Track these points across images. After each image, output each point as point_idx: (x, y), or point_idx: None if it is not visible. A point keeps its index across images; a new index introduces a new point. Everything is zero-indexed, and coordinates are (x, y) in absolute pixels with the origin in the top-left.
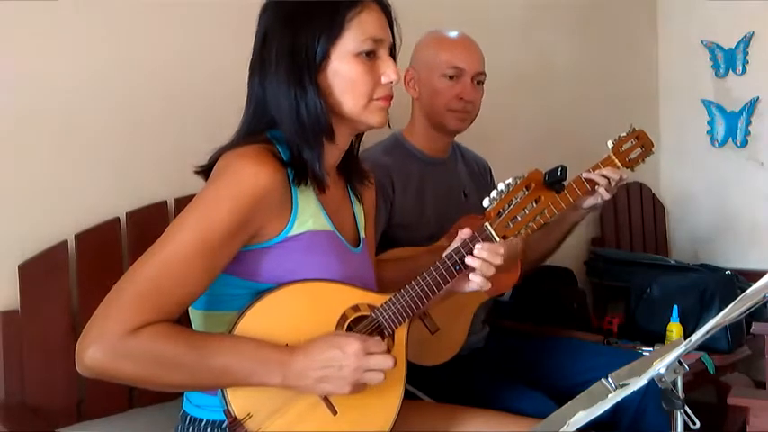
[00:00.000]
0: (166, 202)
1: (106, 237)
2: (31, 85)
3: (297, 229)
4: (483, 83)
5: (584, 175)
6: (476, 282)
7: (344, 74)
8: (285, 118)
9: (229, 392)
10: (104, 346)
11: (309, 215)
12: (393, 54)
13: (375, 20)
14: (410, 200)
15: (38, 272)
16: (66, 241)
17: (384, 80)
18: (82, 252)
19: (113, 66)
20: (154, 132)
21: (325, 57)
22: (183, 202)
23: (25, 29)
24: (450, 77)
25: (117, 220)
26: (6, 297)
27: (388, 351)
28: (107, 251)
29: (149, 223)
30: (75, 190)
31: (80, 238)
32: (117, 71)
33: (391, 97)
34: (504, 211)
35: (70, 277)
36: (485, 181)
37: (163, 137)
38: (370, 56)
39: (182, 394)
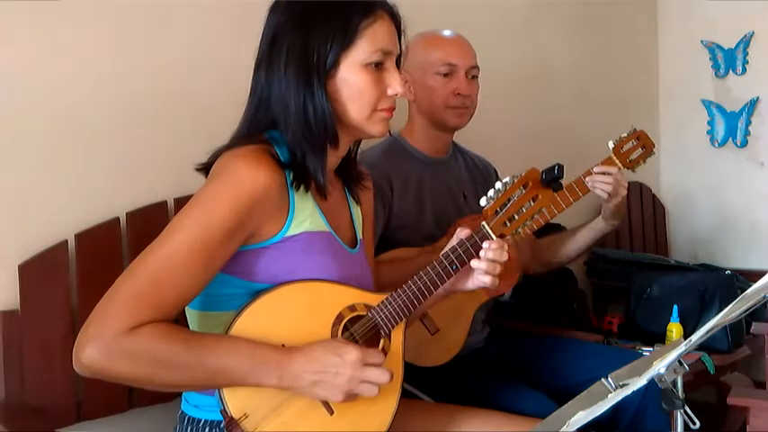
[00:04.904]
0: (166, 202)
1: (106, 237)
2: (32, 85)
3: (294, 229)
4: (477, 77)
5: (586, 176)
6: (486, 282)
7: (352, 83)
8: (291, 119)
9: (226, 392)
10: (101, 345)
11: (306, 216)
12: (398, 64)
13: (386, 31)
14: (409, 201)
15: (38, 272)
16: (66, 241)
17: (390, 92)
18: (82, 252)
19: (114, 66)
20: (154, 132)
21: (335, 63)
22: (182, 202)
23: (26, 29)
24: (445, 75)
25: (117, 220)
26: (6, 297)
27: (385, 351)
28: (107, 251)
29: (149, 223)
30: (75, 190)
31: (80, 238)
32: (117, 71)
33: (394, 108)
34: (501, 210)
35: (70, 277)
36: (488, 184)
37: (163, 137)
38: (378, 67)
39: (180, 394)
